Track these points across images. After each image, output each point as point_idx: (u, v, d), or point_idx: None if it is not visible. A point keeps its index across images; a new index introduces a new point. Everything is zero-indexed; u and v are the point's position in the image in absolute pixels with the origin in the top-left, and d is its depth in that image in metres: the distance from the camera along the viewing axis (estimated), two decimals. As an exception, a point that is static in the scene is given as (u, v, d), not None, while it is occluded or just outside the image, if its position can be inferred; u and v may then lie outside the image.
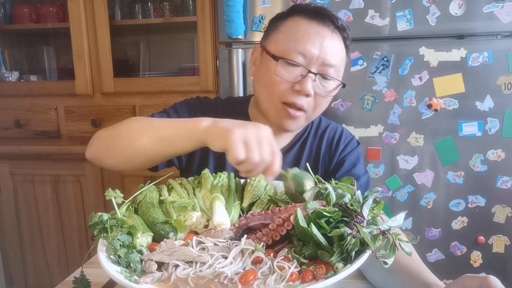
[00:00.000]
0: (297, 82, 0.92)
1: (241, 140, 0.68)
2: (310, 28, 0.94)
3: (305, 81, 0.91)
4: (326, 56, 0.92)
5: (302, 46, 0.92)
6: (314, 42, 0.92)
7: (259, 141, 0.70)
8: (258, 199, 0.78)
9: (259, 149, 0.69)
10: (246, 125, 0.72)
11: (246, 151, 0.68)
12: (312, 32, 0.93)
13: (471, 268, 1.56)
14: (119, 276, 0.55)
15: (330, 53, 0.93)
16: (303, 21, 0.95)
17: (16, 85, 2.10)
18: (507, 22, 1.41)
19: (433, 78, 1.47)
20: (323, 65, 0.93)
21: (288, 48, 0.93)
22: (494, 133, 1.47)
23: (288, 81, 0.93)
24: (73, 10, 1.90)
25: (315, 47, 0.92)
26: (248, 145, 0.68)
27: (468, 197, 1.52)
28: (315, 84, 0.93)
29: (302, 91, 0.92)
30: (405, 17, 1.46)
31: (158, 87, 1.93)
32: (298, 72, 0.93)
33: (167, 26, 2.07)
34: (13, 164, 2.03)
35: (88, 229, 0.63)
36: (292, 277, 0.55)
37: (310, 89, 0.92)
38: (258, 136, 0.70)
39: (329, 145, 1.10)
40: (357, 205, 0.62)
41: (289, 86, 0.93)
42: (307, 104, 0.95)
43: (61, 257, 2.10)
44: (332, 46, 0.94)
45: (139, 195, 0.75)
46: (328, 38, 0.94)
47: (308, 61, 0.92)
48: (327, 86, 0.96)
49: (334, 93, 0.98)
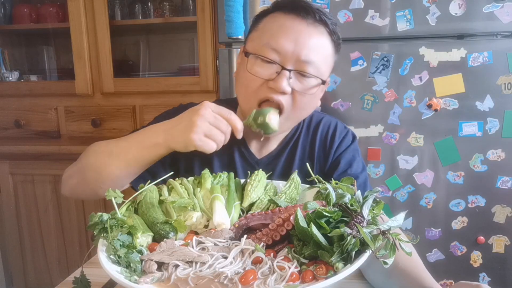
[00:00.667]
0: (272, 79, 0.87)
1: (202, 137, 0.79)
2: (285, 22, 0.88)
3: (279, 78, 0.86)
4: (302, 52, 0.86)
5: (275, 42, 0.87)
6: (288, 37, 0.86)
7: (212, 123, 0.79)
8: (258, 199, 0.78)
9: (217, 130, 0.80)
10: (191, 117, 0.79)
11: (210, 139, 0.79)
12: (287, 27, 0.88)
13: (471, 268, 1.56)
14: (119, 276, 0.55)
15: (307, 48, 0.86)
16: (280, 16, 0.90)
17: (16, 85, 2.10)
18: (507, 22, 1.41)
19: (433, 78, 1.47)
20: (299, 62, 0.86)
21: (262, 44, 0.89)
22: (494, 133, 1.47)
23: (262, 78, 0.88)
24: (73, 10, 1.90)
25: (290, 42, 0.86)
26: (209, 135, 0.79)
27: (468, 197, 1.52)
28: (292, 81, 0.87)
29: (276, 88, 0.86)
30: (405, 17, 1.45)
31: (158, 87, 1.93)
32: (273, 69, 0.87)
33: (167, 26, 2.07)
34: (13, 164, 2.03)
35: (88, 229, 0.63)
36: (292, 277, 0.55)
37: (285, 87, 0.86)
38: (208, 120, 0.79)
39: (323, 142, 1.05)
40: (357, 205, 0.62)
41: (264, 83, 0.88)
42: (284, 102, 0.88)
43: (61, 257, 2.10)
44: (310, 41, 0.87)
45: (139, 195, 0.75)
46: (305, 32, 0.87)
47: (282, 57, 0.86)
48: (305, 83, 0.89)
49: (313, 91, 0.90)
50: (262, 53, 0.88)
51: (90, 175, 0.90)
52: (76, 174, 0.93)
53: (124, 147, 0.87)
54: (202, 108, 0.80)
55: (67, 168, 0.97)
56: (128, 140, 0.88)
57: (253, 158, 1.02)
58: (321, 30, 0.89)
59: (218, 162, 1.01)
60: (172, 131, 0.82)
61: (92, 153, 0.92)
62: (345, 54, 1.50)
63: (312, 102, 0.95)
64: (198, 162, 1.01)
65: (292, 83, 0.88)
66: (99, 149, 0.92)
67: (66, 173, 0.96)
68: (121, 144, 0.88)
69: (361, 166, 1.04)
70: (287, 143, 1.04)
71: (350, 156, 1.03)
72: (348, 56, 1.50)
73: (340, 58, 1.49)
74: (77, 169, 0.93)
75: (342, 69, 1.51)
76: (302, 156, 1.04)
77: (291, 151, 1.04)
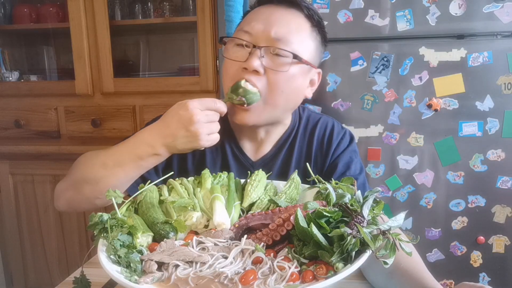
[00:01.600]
0: (245, 60, 0.86)
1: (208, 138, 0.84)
2: (259, 10, 0.92)
3: (250, 57, 0.85)
4: (272, 29, 0.86)
5: (247, 25, 0.89)
6: (259, 19, 0.89)
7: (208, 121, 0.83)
8: (258, 199, 0.78)
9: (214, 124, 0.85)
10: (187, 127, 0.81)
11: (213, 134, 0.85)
12: (260, 12, 0.91)
13: (471, 268, 1.56)
14: (119, 276, 0.55)
15: (277, 26, 0.86)
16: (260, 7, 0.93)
17: (16, 85, 2.10)
18: (507, 22, 1.41)
19: (433, 78, 1.47)
20: (270, 39, 0.86)
21: (237, 31, 0.92)
22: (494, 133, 1.47)
23: (236, 60, 0.88)
24: (73, 10, 1.90)
25: (260, 23, 0.87)
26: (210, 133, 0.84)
27: (468, 197, 1.52)
28: (265, 60, 0.86)
29: (248, 67, 0.85)
30: (405, 17, 1.46)
31: (158, 87, 1.93)
32: (247, 51, 0.87)
33: (167, 26, 2.06)
34: (13, 164, 2.03)
35: (88, 229, 0.63)
36: (292, 277, 0.55)
37: (257, 66, 0.84)
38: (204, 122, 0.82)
39: (320, 143, 1.03)
40: (357, 205, 0.62)
41: (239, 66, 0.87)
42: (260, 84, 0.86)
43: (61, 257, 2.10)
44: (281, 20, 0.88)
45: (139, 195, 0.75)
46: (275, 13, 0.89)
47: (254, 38, 0.87)
48: (279, 60, 0.86)
49: (287, 67, 0.86)
50: (236, 37, 0.90)
51: (86, 188, 0.89)
52: (71, 188, 0.92)
53: (119, 160, 0.86)
54: (193, 114, 0.81)
55: (60, 183, 0.95)
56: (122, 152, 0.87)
57: (247, 160, 1.01)
58: (295, 13, 0.90)
59: (212, 166, 1.00)
60: (175, 144, 0.84)
61: (84, 165, 0.92)
62: (345, 54, 1.51)
63: (291, 83, 0.89)
64: (192, 167, 1.01)
65: (264, 62, 0.86)
66: (91, 161, 0.91)
67: (59, 187, 0.95)
68: (116, 156, 0.87)
69: (359, 168, 1.02)
70: (283, 144, 1.02)
71: (347, 158, 1.01)
72: (348, 56, 1.50)
73: (340, 58, 1.51)
74: (72, 182, 0.92)
75: (342, 69, 1.51)
76: (299, 158, 1.02)
77: (287, 153, 1.02)
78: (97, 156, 0.91)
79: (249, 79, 0.86)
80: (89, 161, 0.92)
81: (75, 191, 0.92)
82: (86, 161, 0.93)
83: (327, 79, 1.52)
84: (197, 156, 1.01)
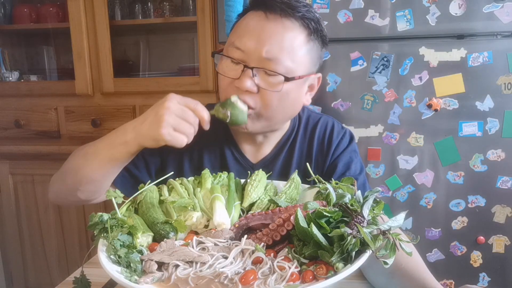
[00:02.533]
0: (238, 79, 0.85)
1: (171, 131, 0.76)
2: (250, 21, 0.87)
3: (242, 77, 0.84)
4: (263, 49, 0.83)
5: (239, 40, 0.86)
6: (251, 35, 0.85)
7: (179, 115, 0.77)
8: (258, 199, 0.78)
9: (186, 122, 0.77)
10: (157, 111, 0.77)
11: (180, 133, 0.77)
12: (251, 25, 0.87)
13: (471, 268, 1.56)
14: (119, 276, 0.55)
15: (268, 45, 0.83)
16: (249, 16, 0.89)
17: (16, 85, 2.10)
18: (507, 22, 1.41)
19: (433, 78, 1.47)
20: (261, 59, 0.84)
21: (229, 44, 0.89)
22: (494, 133, 1.47)
23: (229, 77, 0.87)
24: (73, 10, 1.90)
25: (251, 40, 0.84)
26: (177, 129, 0.77)
27: (468, 197, 1.52)
28: (257, 79, 0.85)
29: (240, 87, 0.85)
30: (405, 17, 1.45)
31: (158, 87, 1.93)
32: (239, 68, 0.85)
33: (167, 26, 2.06)
34: (13, 164, 2.03)
35: (88, 229, 0.63)
36: (292, 277, 0.55)
37: (249, 86, 0.84)
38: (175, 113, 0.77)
39: (320, 143, 1.02)
40: (357, 205, 0.62)
41: (231, 82, 0.87)
42: (253, 102, 0.86)
43: (61, 257, 2.10)
44: (273, 35, 0.84)
45: (139, 195, 0.75)
46: (267, 29, 0.84)
47: (245, 55, 0.85)
48: (271, 80, 0.85)
49: (279, 88, 0.85)
50: (227, 53, 0.88)
51: (68, 179, 0.90)
52: (59, 179, 0.94)
53: (97, 148, 0.86)
54: (167, 101, 0.78)
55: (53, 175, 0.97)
56: (102, 140, 0.87)
57: (247, 163, 1.01)
58: (288, 25, 0.85)
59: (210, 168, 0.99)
60: (140, 128, 0.79)
61: (72, 156, 0.92)
62: (345, 54, 1.51)
63: (286, 99, 0.88)
64: (188, 169, 1.00)
65: (257, 80, 0.85)
66: (78, 152, 0.92)
67: (51, 179, 0.96)
68: (96, 145, 0.87)
69: (359, 168, 1.01)
70: (283, 145, 1.02)
71: (347, 158, 1.01)
72: (348, 56, 1.50)
73: (340, 58, 1.51)
74: (59, 173, 0.94)
75: (342, 69, 1.51)
76: (300, 159, 1.01)
77: (288, 154, 1.01)
78: (84, 146, 0.91)
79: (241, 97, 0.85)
80: (77, 152, 0.92)
81: (61, 182, 0.93)
82: (74, 152, 0.93)
83: (327, 79, 1.52)
84: (195, 159, 1.01)
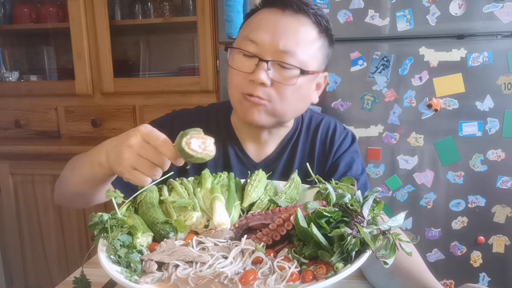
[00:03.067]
0: (252, 72, 0.86)
1: (130, 169, 0.68)
2: (265, 15, 0.89)
3: (257, 70, 0.85)
4: (280, 42, 0.85)
5: (254, 34, 0.87)
6: (265, 29, 0.86)
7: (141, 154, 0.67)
8: (258, 199, 0.78)
9: (147, 161, 0.67)
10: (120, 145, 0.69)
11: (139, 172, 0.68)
12: (266, 19, 0.88)
13: (471, 268, 1.56)
14: (119, 276, 0.55)
15: (284, 38, 0.85)
16: (262, 12, 0.90)
17: (16, 85, 2.10)
18: (507, 22, 1.41)
19: (433, 78, 1.47)
20: (278, 52, 0.85)
21: (242, 38, 0.89)
22: (494, 133, 1.47)
23: (244, 72, 0.87)
24: (73, 10, 1.90)
25: (267, 33, 0.86)
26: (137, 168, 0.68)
27: (468, 197, 1.52)
28: (271, 72, 0.86)
29: (255, 80, 0.85)
30: (405, 17, 1.45)
31: (158, 87, 1.93)
32: (253, 62, 0.86)
33: (167, 26, 2.06)
34: (13, 164, 2.03)
35: (88, 229, 0.63)
36: (292, 277, 0.55)
37: (264, 79, 0.85)
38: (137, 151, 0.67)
39: (323, 143, 1.03)
40: (357, 205, 0.62)
41: (245, 77, 0.87)
42: (266, 95, 0.87)
43: (61, 257, 2.10)
44: (288, 31, 0.86)
45: (139, 195, 0.75)
46: (283, 22, 0.86)
47: (260, 49, 0.86)
48: (286, 74, 0.87)
49: (294, 81, 0.87)
50: (242, 47, 0.88)
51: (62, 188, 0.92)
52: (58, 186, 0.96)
53: (82, 162, 0.84)
54: (131, 137, 0.69)
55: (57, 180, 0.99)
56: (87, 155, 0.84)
57: (250, 162, 1.01)
58: (302, 20, 0.87)
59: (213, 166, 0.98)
60: (109, 155, 0.73)
61: (66, 166, 0.93)
62: (345, 54, 1.51)
63: (298, 94, 0.90)
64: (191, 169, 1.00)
65: (271, 74, 0.86)
66: (71, 162, 0.92)
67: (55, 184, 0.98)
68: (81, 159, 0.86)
69: (360, 168, 1.02)
70: (286, 145, 1.02)
71: (349, 158, 1.02)
72: (348, 56, 1.50)
73: (340, 58, 1.51)
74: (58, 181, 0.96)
75: (342, 69, 1.51)
76: (302, 158, 1.02)
77: (290, 153, 1.02)
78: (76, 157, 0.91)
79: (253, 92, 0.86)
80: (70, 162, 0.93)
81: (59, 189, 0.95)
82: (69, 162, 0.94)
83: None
84: None
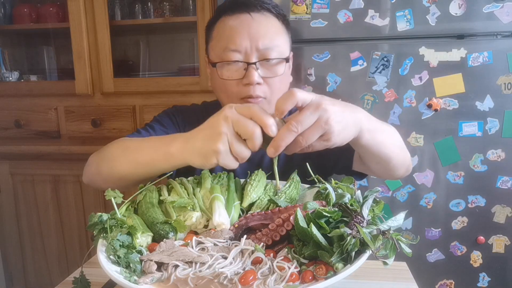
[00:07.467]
0: (244, 77, 0.93)
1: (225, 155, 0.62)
2: (233, 21, 0.94)
3: (249, 73, 0.92)
4: (259, 42, 0.92)
5: (232, 43, 0.93)
6: (241, 34, 0.92)
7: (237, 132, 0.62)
8: (258, 199, 0.78)
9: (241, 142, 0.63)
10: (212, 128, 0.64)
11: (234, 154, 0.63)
12: (237, 26, 0.93)
13: (471, 268, 1.56)
14: (118, 276, 0.55)
15: (261, 37, 0.92)
16: (227, 19, 0.96)
17: (16, 85, 2.10)
18: (507, 22, 1.41)
19: (433, 78, 1.47)
20: (259, 52, 0.93)
21: (222, 50, 0.94)
22: (494, 133, 1.47)
23: (236, 79, 0.94)
24: (73, 10, 1.90)
25: (244, 39, 0.92)
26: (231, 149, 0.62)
27: (468, 197, 1.52)
28: (261, 71, 0.93)
29: (250, 82, 0.92)
30: (405, 17, 1.45)
31: (158, 87, 1.93)
32: (240, 67, 0.94)
33: (167, 26, 2.06)
34: (13, 164, 2.03)
35: (88, 229, 0.63)
36: (292, 278, 0.55)
37: (258, 79, 0.92)
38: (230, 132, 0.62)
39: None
40: (357, 205, 0.62)
41: (239, 82, 0.94)
42: (262, 92, 0.94)
43: (61, 257, 2.10)
44: (261, 30, 0.93)
45: (139, 195, 0.75)
46: (254, 24, 0.93)
47: (244, 54, 0.93)
48: (272, 68, 0.95)
49: (282, 70, 0.96)
50: (227, 59, 0.94)
51: (103, 166, 0.87)
52: (94, 163, 0.92)
53: (141, 146, 0.81)
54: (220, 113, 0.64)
55: (91, 155, 0.94)
56: (147, 141, 0.82)
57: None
58: (267, 15, 0.96)
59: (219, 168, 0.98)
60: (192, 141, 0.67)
61: (113, 144, 0.89)
62: (345, 54, 1.50)
63: (284, 79, 1.00)
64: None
65: (261, 72, 0.94)
66: (121, 142, 0.88)
67: (89, 160, 0.94)
68: (140, 143, 0.83)
69: None
70: None
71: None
72: (348, 56, 1.50)
73: (340, 58, 1.51)
74: (96, 158, 0.91)
75: (342, 69, 1.51)
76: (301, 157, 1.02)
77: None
78: (130, 140, 0.87)
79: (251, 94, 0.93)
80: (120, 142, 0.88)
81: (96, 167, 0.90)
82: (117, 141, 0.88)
83: (327, 79, 1.52)
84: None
